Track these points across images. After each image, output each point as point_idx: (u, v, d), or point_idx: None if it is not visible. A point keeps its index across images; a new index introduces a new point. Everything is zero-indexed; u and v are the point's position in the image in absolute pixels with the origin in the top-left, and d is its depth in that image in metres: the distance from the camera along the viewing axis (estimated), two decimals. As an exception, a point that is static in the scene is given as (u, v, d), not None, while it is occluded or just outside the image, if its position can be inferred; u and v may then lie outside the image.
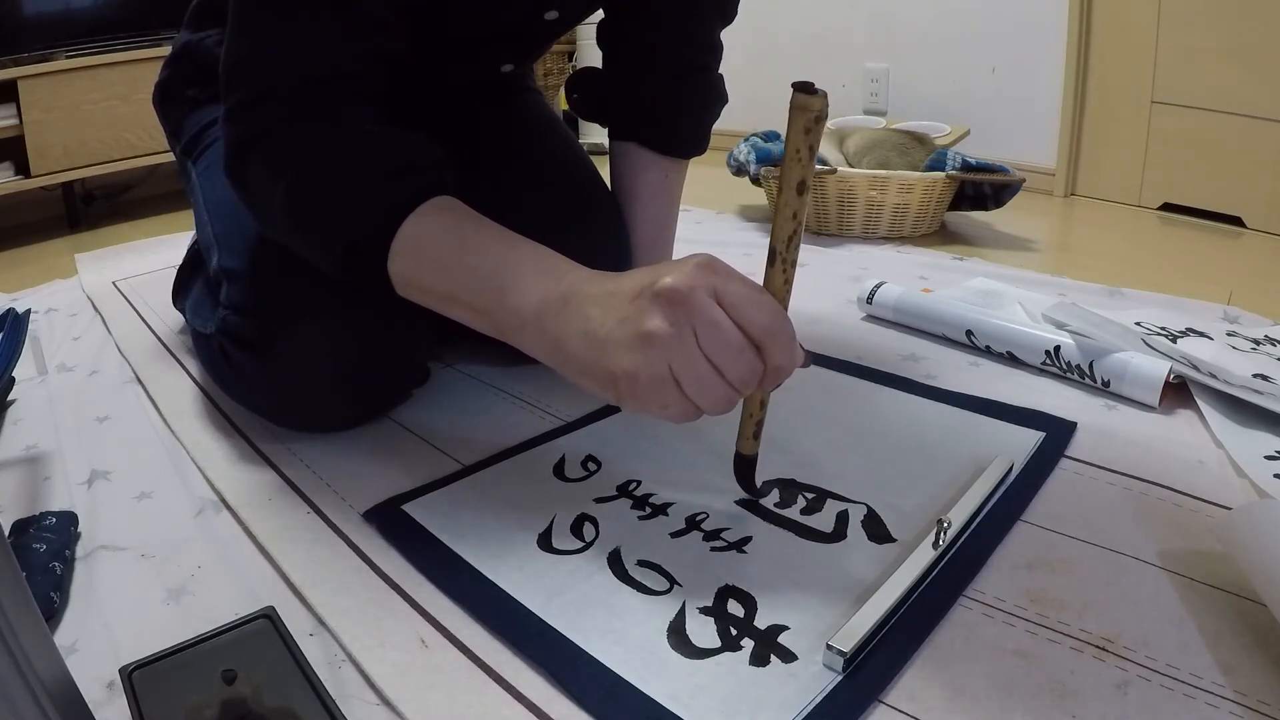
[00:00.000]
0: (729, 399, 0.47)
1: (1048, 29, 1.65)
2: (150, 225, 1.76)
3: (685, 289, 0.45)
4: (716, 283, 0.46)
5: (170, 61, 0.92)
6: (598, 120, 0.86)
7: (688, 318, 0.45)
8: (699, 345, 0.45)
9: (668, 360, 0.45)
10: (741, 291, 0.46)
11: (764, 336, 0.46)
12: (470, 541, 0.58)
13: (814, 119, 0.46)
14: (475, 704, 0.45)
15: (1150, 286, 1.07)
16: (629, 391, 0.47)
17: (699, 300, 0.45)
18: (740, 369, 0.46)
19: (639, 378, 0.46)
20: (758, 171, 1.40)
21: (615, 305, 0.48)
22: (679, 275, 0.46)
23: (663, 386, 0.46)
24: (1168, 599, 0.50)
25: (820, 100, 0.46)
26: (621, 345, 0.47)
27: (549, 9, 0.74)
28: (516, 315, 0.52)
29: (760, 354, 0.46)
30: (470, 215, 0.57)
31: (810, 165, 0.48)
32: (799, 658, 0.46)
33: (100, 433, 0.79)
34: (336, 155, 0.58)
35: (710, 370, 0.45)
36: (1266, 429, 0.69)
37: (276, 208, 0.60)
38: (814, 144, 0.47)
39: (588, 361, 0.49)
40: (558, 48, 2.33)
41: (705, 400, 0.46)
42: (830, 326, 0.97)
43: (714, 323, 0.45)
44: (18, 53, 1.60)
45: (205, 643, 0.47)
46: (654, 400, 0.47)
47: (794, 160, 0.48)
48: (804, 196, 0.48)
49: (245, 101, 0.60)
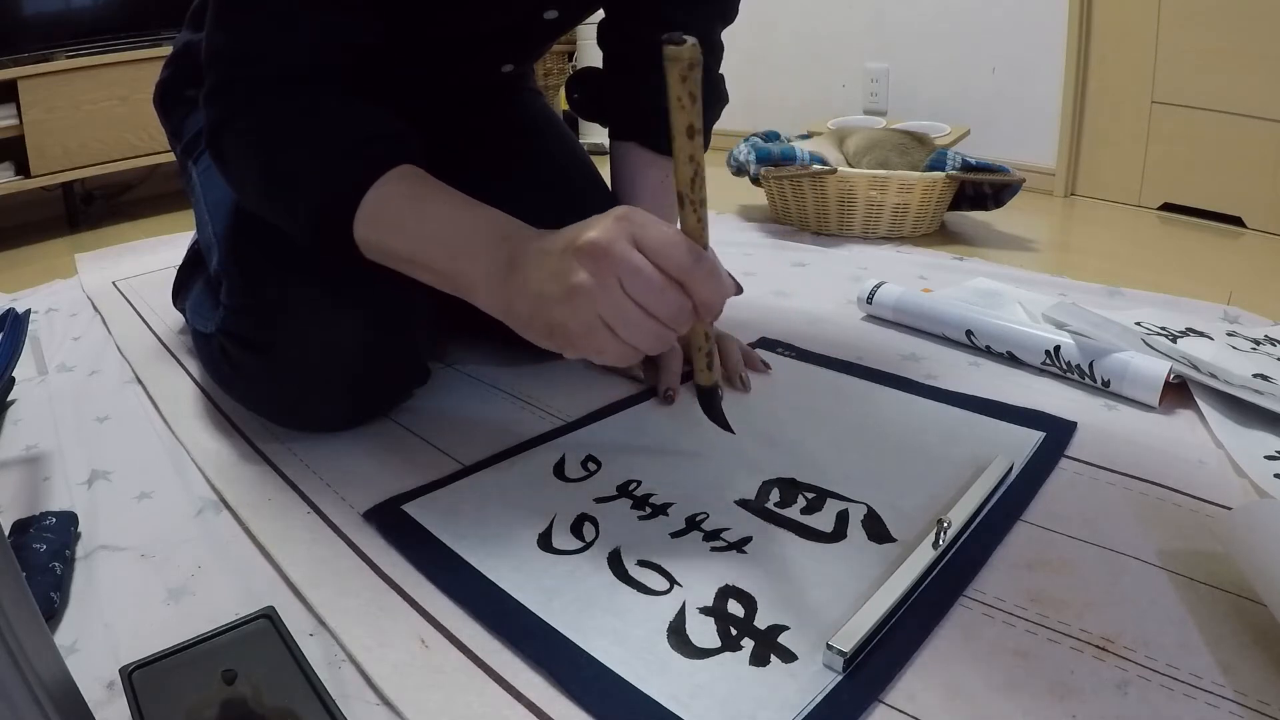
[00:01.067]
0: (662, 336, 0.51)
1: (1048, 29, 1.65)
2: (150, 225, 1.76)
3: (605, 241, 0.49)
4: (635, 231, 0.49)
5: (171, 61, 0.92)
6: (598, 120, 0.86)
7: (610, 268, 0.48)
8: (625, 291, 0.49)
9: (595, 309, 0.49)
10: (659, 235, 0.49)
11: (683, 274, 0.49)
12: (470, 541, 0.58)
13: (686, 66, 0.48)
14: (475, 704, 0.45)
15: (1150, 286, 1.07)
16: (565, 340, 0.52)
17: (619, 249, 0.48)
18: (667, 307, 0.49)
19: (570, 327, 0.51)
20: (758, 171, 1.40)
21: (547, 262, 0.52)
22: (599, 229, 0.49)
23: (595, 332, 0.50)
24: (1168, 599, 0.50)
25: (690, 49, 0.47)
26: (553, 299, 0.51)
27: (548, 8, 0.74)
28: (468, 278, 0.56)
29: (685, 291, 0.49)
30: (430, 182, 0.60)
31: (694, 110, 0.50)
32: (799, 658, 0.46)
33: (100, 433, 0.79)
34: (304, 130, 0.61)
35: (639, 312, 0.49)
36: (1266, 429, 0.69)
37: (250, 183, 0.64)
38: (693, 90, 0.49)
39: (531, 319, 0.53)
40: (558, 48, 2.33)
41: (639, 340, 0.50)
42: (830, 326, 0.97)
43: (635, 269, 0.48)
44: (18, 53, 1.60)
45: (205, 643, 0.47)
46: (589, 346, 0.51)
47: (678, 108, 0.50)
48: (695, 140, 0.51)
49: (221, 84, 0.63)
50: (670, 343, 0.52)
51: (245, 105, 0.62)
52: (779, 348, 0.89)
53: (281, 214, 0.63)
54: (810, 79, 2.14)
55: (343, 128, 0.61)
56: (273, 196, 0.63)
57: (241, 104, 0.62)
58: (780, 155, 1.38)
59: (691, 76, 0.49)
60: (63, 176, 1.70)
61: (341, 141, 0.60)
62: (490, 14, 0.71)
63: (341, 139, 0.61)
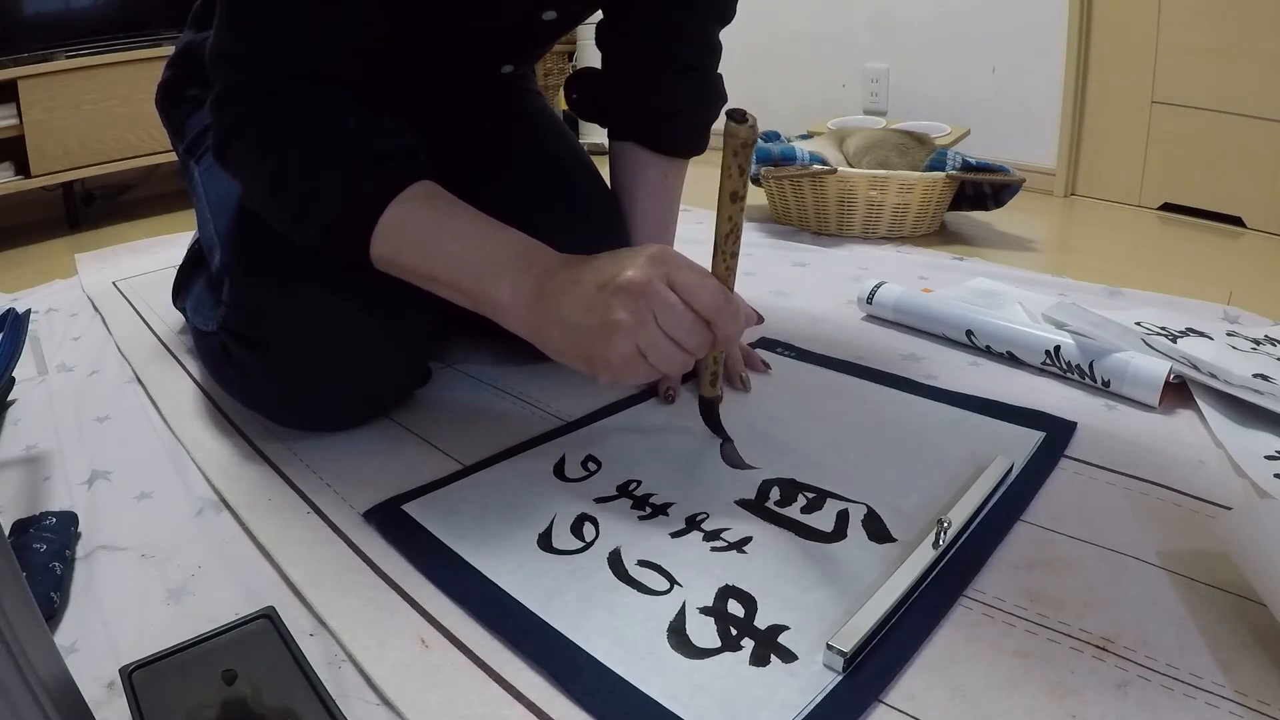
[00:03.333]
0: (686, 363, 0.55)
1: (1048, 29, 1.65)
2: (150, 225, 1.76)
3: (643, 280, 0.53)
4: (669, 271, 0.53)
5: (173, 62, 0.92)
6: (597, 120, 0.86)
7: (647, 305, 0.53)
8: (658, 325, 0.53)
9: (634, 341, 0.53)
10: (691, 278, 0.53)
11: (711, 314, 0.54)
12: (470, 541, 0.58)
13: (740, 144, 0.54)
14: (475, 704, 0.45)
15: (1150, 286, 1.07)
16: (605, 369, 0.55)
17: (655, 289, 0.53)
18: (695, 341, 0.54)
19: (611, 359, 0.54)
20: (758, 171, 1.39)
21: (583, 296, 0.55)
22: (637, 269, 0.53)
23: (633, 363, 0.54)
24: (1168, 599, 0.50)
25: (747, 129, 0.54)
26: (593, 332, 0.54)
27: (547, 9, 0.74)
28: (491, 300, 0.59)
29: (710, 327, 0.54)
30: (448, 201, 0.62)
31: (740, 180, 0.56)
32: (799, 658, 0.46)
33: (100, 433, 0.79)
34: (316, 142, 0.61)
35: (670, 344, 0.54)
36: (1266, 429, 0.69)
37: (260, 192, 0.64)
38: (743, 164, 0.56)
39: (564, 346, 0.57)
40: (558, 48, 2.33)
41: (666, 365, 0.55)
42: (830, 326, 0.97)
43: (669, 306, 0.53)
44: (18, 53, 1.60)
45: (205, 643, 0.47)
46: (625, 373, 0.55)
47: (726, 175, 0.56)
48: (736, 204, 0.57)
49: (228, 90, 0.62)
50: (690, 366, 0.56)
51: (255, 112, 0.61)
52: (779, 348, 0.89)
53: (291, 224, 0.63)
54: (810, 79, 2.14)
55: (357, 141, 0.61)
56: (284, 207, 0.63)
57: (251, 110, 0.61)
58: (780, 155, 1.38)
59: (744, 153, 0.55)
60: (63, 176, 1.70)
61: (359, 154, 0.60)
62: (488, 15, 0.71)
63: (358, 152, 0.60)
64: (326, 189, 0.60)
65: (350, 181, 0.60)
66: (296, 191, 0.61)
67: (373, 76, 0.65)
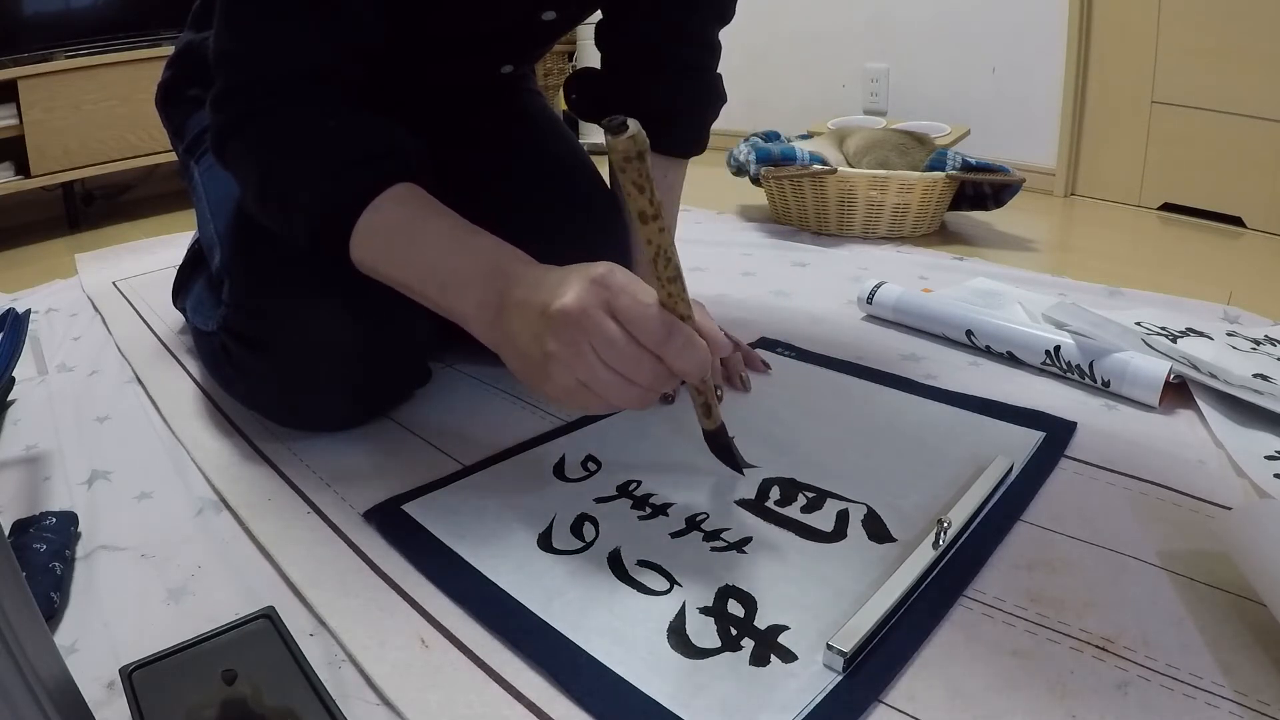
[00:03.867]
0: (645, 398, 0.50)
1: (1048, 29, 1.65)
2: (150, 225, 1.76)
3: (576, 311, 0.47)
4: (609, 298, 0.48)
5: (173, 62, 0.92)
6: (596, 120, 0.86)
7: (583, 336, 0.47)
8: (600, 359, 0.48)
9: (573, 374, 0.49)
10: (632, 307, 0.47)
11: (657, 349, 0.48)
12: (470, 541, 0.58)
13: (623, 159, 0.45)
14: (475, 704, 0.45)
15: (1150, 286, 1.07)
16: (554, 397, 0.52)
17: (591, 320, 0.47)
18: (643, 375, 0.48)
19: (553, 394, 0.51)
20: (758, 171, 1.40)
21: (529, 321, 0.51)
22: (572, 295, 0.48)
23: (577, 394, 0.50)
24: (1168, 599, 0.50)
25: (625, 141, 0.45)
26: (533, 361, 0.51)
27: (546, 9, 0.74)
28: (458, 311, 0.57)
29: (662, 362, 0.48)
30: (424, 206, 0.60)
31: (643, 198, 0.47)
32: (799, 658, 0.46)
33: (100, 433, 0.79)
34: (303, 142, 0.61)
35: (615, 377, 0.48)
36: (1266, 429, 0.69)
37: (252, 191, 0.64)
38: (637, 180, 0.46)
39: (517, 369, 0.54)
40: (558, 48, 2.33)
41: (621, 401, 0.50)
42: (830, 326, 0.97)
43: (609, 340, 0.47)
44: (18, 53, 1.60)
45: (205, 643, 0.47)
46: (575, 404, 0.51)
47: (626, 196, 0.48)
48: (649, 225, 0.48)
49: (228, 89, 0.63)
50: (653, 401, 0.51)
51: (253, 111, 0.62)
52: (779, 348, 0.89)
53: (280, 225, 0.63)
54: (810, 79, 2.14)
55: (344, 142, 0.61)
56: (270, 207, 0.63)
57: (248, 110, 0.62)
58: (780, 155, 1.38)
59: (631, 168, 0.46)
60: (63, 176, 1.70)
61: (341, 156, 0.60)
62: (487, 15, 0.71)
63: (342, 154, 0.60)
64: (308, 191, 0.60)
65: (329, 184, 0.59)
66: (282, 193, 0.62)
67: (374, 77, 0.65)
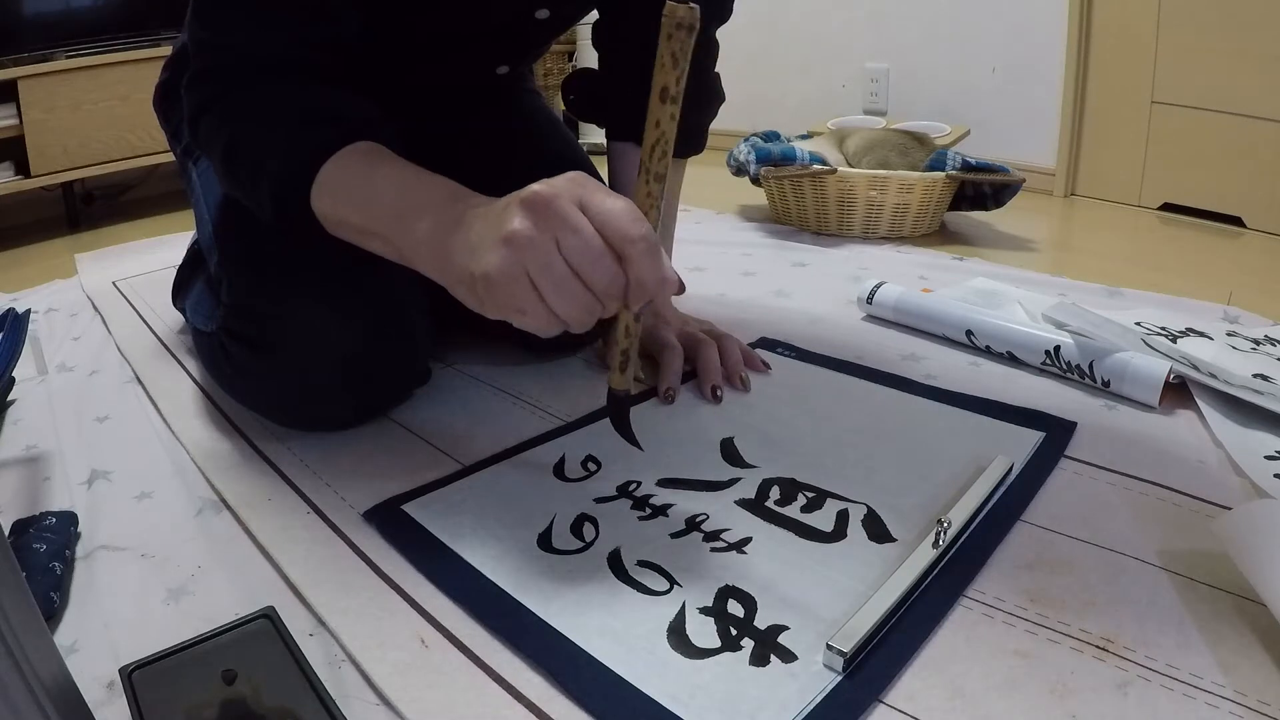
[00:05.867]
0: (589, 307, 0.48)
1: (1048, 29, 1.65)
2: (150, 225, 1.76)
3: (549, 195, 0.46)
4: (583, 194, 0.47)
5: (171, 63, 0.93)
6: (594, 121, 0.86)
7: (548, 222, 0.46)
8: (559, 250, 0.46)
9: (524, 262, 0.46)
10: (606, 202, 0.47)
11: (624, 244, 0.46)
12: (470, 541, 0.58)
13: (675, 26, 0.47)
14: (475, 704, 0.45)
15: (1150, 286, 1.07)
16: (486, 291, 0.48)
17: (562, 206, 0.46)
18: (600, 275, 0.46)
19: (493, 277, 0.47)
20: (758, 171, 1.40)
21: (490, 214, 0.49)
22: (547, 184, 0.47)
23: (517, 286, 0.47)
24: (1168, 599, 0.50)
25: (686, 10, 0.47)
26: (484, 246, 0.48)
27: (540, 8, 0.74)
28: (413, 236, 0.54)
29: (622, 265, 0.47)
30: (388, 155, 0.59)
31: (673, 73, 0.48)
32: (799, 658, 0.46)
33: (100, 433, 0.79)
34: (268, 110, 0.62)
35: (569, 274, 0.46)
36: (1266, 429, 0.69)
37: (220, 163, 0.64)
38: (676, 52, 0.47)
39: (460, 270, 0.50)
40: (557, 48, 2.33)
41: (564, 306, 0.47)
42: (830, 326, 0.97)
43: (575, 228, 0.46)
44: (18, 53, 1.60)
45: (205, 643, 0.47)
46: (509, 302, 0.48)
47: (658, 66, 0.49)
48: (666, 105, 0.49)
49: (200, 72, 0.64)
50: (594, 318, 0.49)
51: (222, 91, 0.63)
52: (779, 348, 0.89)
53: (247, 191, 0.64)
54: (810, 79, 2.14)
55: (305, 105, 0.62)
56: (236, 174, 0.64)
57: (218, 90, 0.63)
58: (780, 155, 1.38)
59: (678, 35, 0.47)
60: (63, 176, 1.70)
61: (301, 118, 0.61)
62: (479, 13, 0.71)
63: (302, 115, 0.61)
64: (269, 150, 0.61)
65: (290, 139, 0.60)
66: (250, 160, 0.62)
67: (367, 76, 0.65)
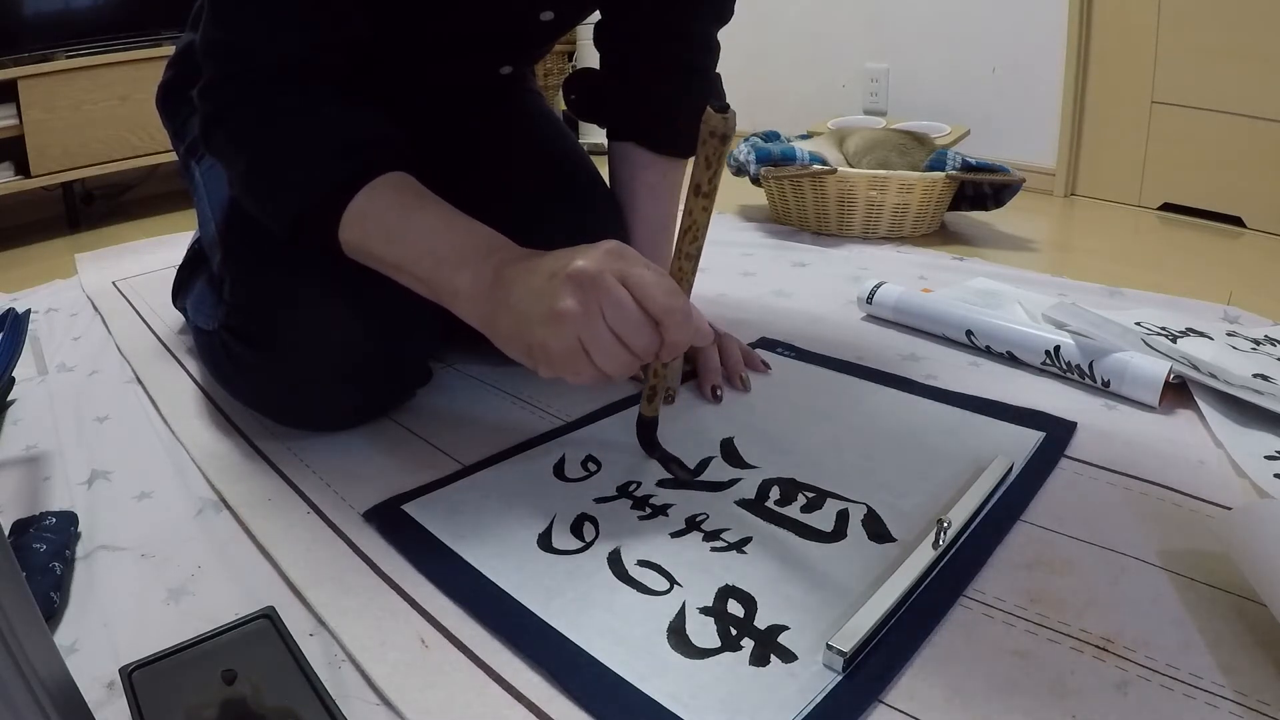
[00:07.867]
0: (630, 365, 0.53)
1: (1048, 29, 1.65)
2: (150, 225, 1.76)
3: (594, 272, 0.51)
4: (623, 267, 0.52)
5: (174, 63, 0.92)
6: (595, 121, 0.86)
7: (596, 297, 0.51)
8: (605, 320, 0.51)
9: (578, 333, 0.51)
10: (644, 275, 0.52)
11: (662, 314, 0.51)
12: (470, 541, 0.58)
13: (709, 133, 0.52)
14: (475, 704, 0.45)
15: (1150, 286, 1.07)
16: (544, 359, 0.54)
17: (606, 282, 0.51)
18: (641, 341, 0.52)
19: (551, 348, 0.53)
20: (758, 171, 1.39)
21: (534, 284, 0.54)
22: (589, 259, 0.52)
23: (573, 356, 0.52)
24: (1168, 599, 0.50)
25: (719, 119, 0.52)
26: (537, 320, 0.53)
27: (544, 10, 0.74)
28: (451, 286, 0.58)
29: (659, 329, 0.52)
30: (419, 191, 0.62)
31: (706, 173, 0.54)
32: (799, 658, 0.46)
33: (100, 433, 0.79)
34: (293, 129, 0.62)
35: (614, 341, 0.51)
36: (1266, 429, 0.69)
37: (238, 180, 0.65)
38: (709, 155, 0.53)
39: (511, 334, 0.55)
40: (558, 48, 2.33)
41: (609, 366, 0.52)
42: (830, 326, 0.97)
43: (618, 302, 0.51)
44: (18, 53, 1.60)
45: (205, 643, 0.47)
46: (566, 367, 0.53)
47: (695, 163, 0.54)
48: (698, 199, 0.55)
49: (215, 79, 0.64)
50: (634, 370, 0.55)
51: (238, 100, 0.63)
52: (779, 348, 0.89)
53: (265, 210, 0.64)
54: (810, 79, 2.14)
55: (333, 130, 0.62)
56: (257, 193, 0.64)
57: (234, 99, 0.63)
58: (780, 155, 1.37)
59: (712, 143, 0.52)
60: (63, 176, 1.70)
61: (330, 143, 0.61)
62: (485, 15, 0.71)
63: (331, 141, 0.61)
64: (301, 172, 0.61)
65: (318, 172, 0.61)
66: (269, 181, 0.63)
67: (372, 77, 0.65)
